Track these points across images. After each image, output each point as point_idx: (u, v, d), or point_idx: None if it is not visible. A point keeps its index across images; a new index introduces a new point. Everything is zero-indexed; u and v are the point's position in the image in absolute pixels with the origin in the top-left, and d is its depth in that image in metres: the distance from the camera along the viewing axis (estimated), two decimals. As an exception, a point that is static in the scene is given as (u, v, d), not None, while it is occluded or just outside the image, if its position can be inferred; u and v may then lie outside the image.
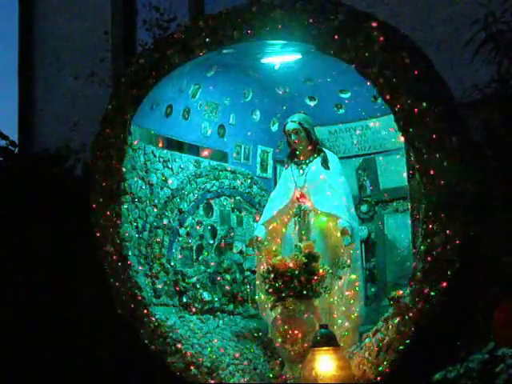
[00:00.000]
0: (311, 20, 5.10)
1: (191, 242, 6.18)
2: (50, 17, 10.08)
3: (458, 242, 4.68)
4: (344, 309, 5.67)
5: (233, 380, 5.52)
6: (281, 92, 6.42)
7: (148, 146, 5.99)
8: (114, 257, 5.67)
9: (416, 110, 4.80)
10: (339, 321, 5.65)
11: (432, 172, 4.74)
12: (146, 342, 5.55)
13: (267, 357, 5.84)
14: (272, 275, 5.54)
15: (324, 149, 6.05)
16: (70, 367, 6.00)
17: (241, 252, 6.42)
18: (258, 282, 5.98)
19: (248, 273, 6.39)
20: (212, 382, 5.43)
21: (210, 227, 6.32)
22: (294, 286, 5.46)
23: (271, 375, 5.66)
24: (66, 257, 6.36)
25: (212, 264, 6.25)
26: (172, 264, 6.00)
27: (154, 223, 5.94)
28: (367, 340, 5.08)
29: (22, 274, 6.32)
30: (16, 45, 10.21)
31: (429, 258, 4.73)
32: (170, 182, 6.07)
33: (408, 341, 4.76)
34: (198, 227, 6.23)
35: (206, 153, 6.38)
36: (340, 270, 5.69)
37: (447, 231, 4.70)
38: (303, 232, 5.85)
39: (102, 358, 5.94)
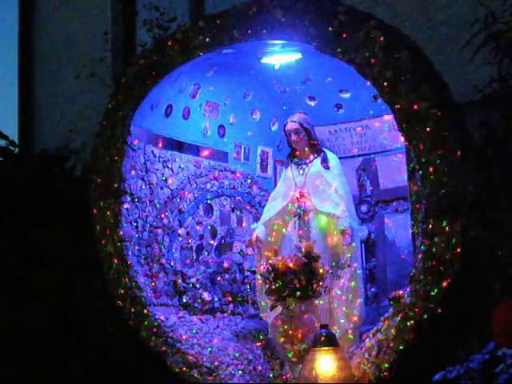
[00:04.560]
0: (311, 20, 5.10)
1: (191, 242, 6.18)
2: (50, 17, 10.08)
3: (458, 242, 4.68)
4: (344, 309, 5.67)
5: (233, 380, 5.52)
6: (281, 92, 6.43)
7: (148, 146, 5.99)
8: (114, 257, 5.67)
9: (416, 110, 4.80)
10: (339, 321, 5.65)
11: (432, 172, 4.74)
12: (146, 342, 5.55)
13: (267, 357, 5.84)
14: (272, 275, 5.54)
15: (324, 149, 6.05)
16: (70, 367, 6.00)
17: (241, 252, 6.42)
18: (258, 282, 5.98)
19: (248, 273, 6.38)
20: (212, 382, 5.44)
21: (209, 227, 6.32)
22: (293, 286, 5.46)
23: (271, 375, 5.66)
24: (65, 256, 6.35)
25: (212, 264, 6.25)
26: (172, 264, 6.00)
27: (154, 223, 5.94)
28: (367, 340, 5.08)
29: (21, 272, 6.32)
30: (16, 45, 10.21)
31: (429, 258, 4.73)
32: (170, 182, 6.08)
33: (408, 341, 4.76)
34: (197, 227, 6.23)
35: (206, 153, 6.38)
36: (340, 270, 5.69)
37: (447, 231, 4.70)
38: (303, 232, 5.85)
39: (102, 358, 5.93)
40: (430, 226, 4.74)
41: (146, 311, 5.59)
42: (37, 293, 6.24)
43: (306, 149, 6.02)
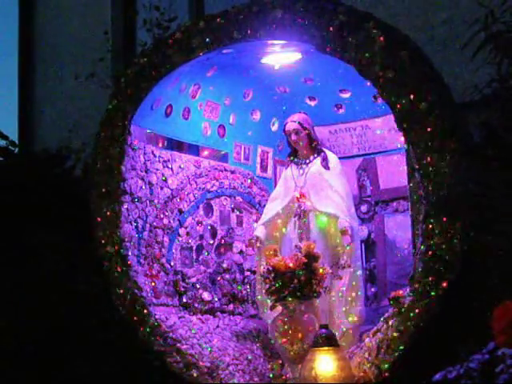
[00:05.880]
0: (311, 20, 5.10)
1: (191, 242, 6.18)
2: (50, 17, 10.08)
3: (458, 242, 4.68)
4: (344, 309, 5.68)
5: (233, 380, 5.52)
6: (281, 92, 6.43)
7: (148, 146, 5.99)
8: (114, 257, 5.67)
9: (416, 110, 4.80)
10: (339, 321, 5.65)
11: (432, 172, 4.74)
12: (145, 341, 5.55)
13: (267, 357, 5.85)
14: (272, 275, 5.54)
15: (324, 149, 6.05)
16: (70, 367, 6.00)
17: (241, 252, 6.42)
18: (258, 282, 5.98)
19: (248, 273, 6.38)
20: (212, 382, 5.44)
21: (209, 227, 6.32)
22: (294, 286, 5.46)
23: (271, 375, 5.66)
24: (65, 257, 6.35)
25: (212, 264, 6.25)
26: (172, 264, 6.00)
27: (154, 223, 5.94)
28: (367, 340, 5.08)
29: (20, 273, 6.32)
30: (16, 45, 10.21)
31: (429, 259, 4.73)
32: (169, 182, 6.08)
33: (408, 341, 4.76)
34: (198, 227, 6.23)
35: (205, 153, 6.39)
36: (340, 270, 5.69)
37: (447, 231, 4.70)
38: (303, 232, 5.85)
39: (102, 359, 5.93)
40: (430, 226, 4.74)
41: (146, 311, 5.59)
42: (36, 293, 6.23)
43: (306, 149, 6.03)
